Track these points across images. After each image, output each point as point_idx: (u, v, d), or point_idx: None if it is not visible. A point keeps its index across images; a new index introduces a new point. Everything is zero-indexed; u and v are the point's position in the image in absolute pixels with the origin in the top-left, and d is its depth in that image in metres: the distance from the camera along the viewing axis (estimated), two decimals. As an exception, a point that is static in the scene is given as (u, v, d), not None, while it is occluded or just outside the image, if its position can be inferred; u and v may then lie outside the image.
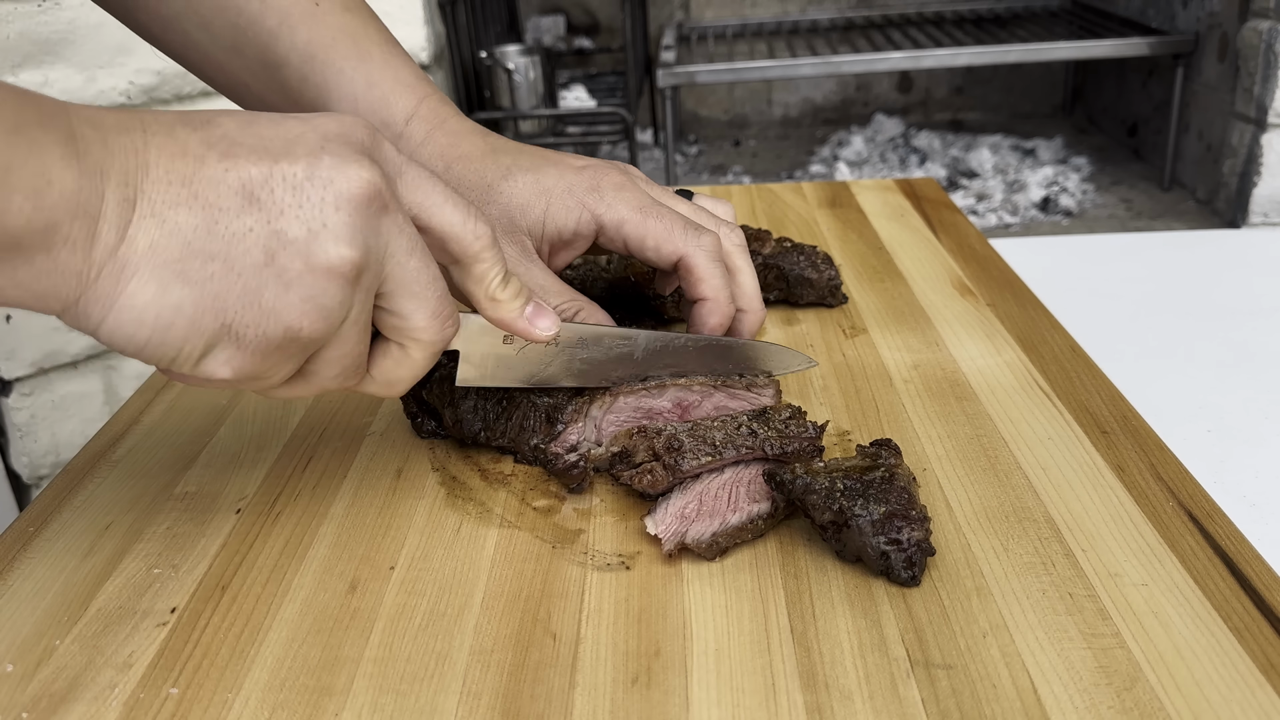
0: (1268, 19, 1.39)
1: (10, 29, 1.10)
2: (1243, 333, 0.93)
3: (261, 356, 0.36)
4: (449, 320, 0.40)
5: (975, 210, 1.73)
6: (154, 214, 0.33)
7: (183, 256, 0.34)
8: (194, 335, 0.35)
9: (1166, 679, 0.35)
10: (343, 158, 0.36)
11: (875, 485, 0.41)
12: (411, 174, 0.40)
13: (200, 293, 0.34)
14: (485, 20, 1.72)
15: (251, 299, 0.35)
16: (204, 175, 0.34)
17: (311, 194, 0.35)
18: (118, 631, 0.40)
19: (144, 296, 0.33)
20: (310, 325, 0.36)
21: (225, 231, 0.34)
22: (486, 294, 0.42)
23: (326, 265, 0.35)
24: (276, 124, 0.37)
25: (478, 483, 0.48)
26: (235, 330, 0.35)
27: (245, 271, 0.34)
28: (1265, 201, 1.43)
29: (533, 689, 0.36)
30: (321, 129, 0.37)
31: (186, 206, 0.34)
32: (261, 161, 0.35)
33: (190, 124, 0.35)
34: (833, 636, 0.38)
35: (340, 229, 0.35)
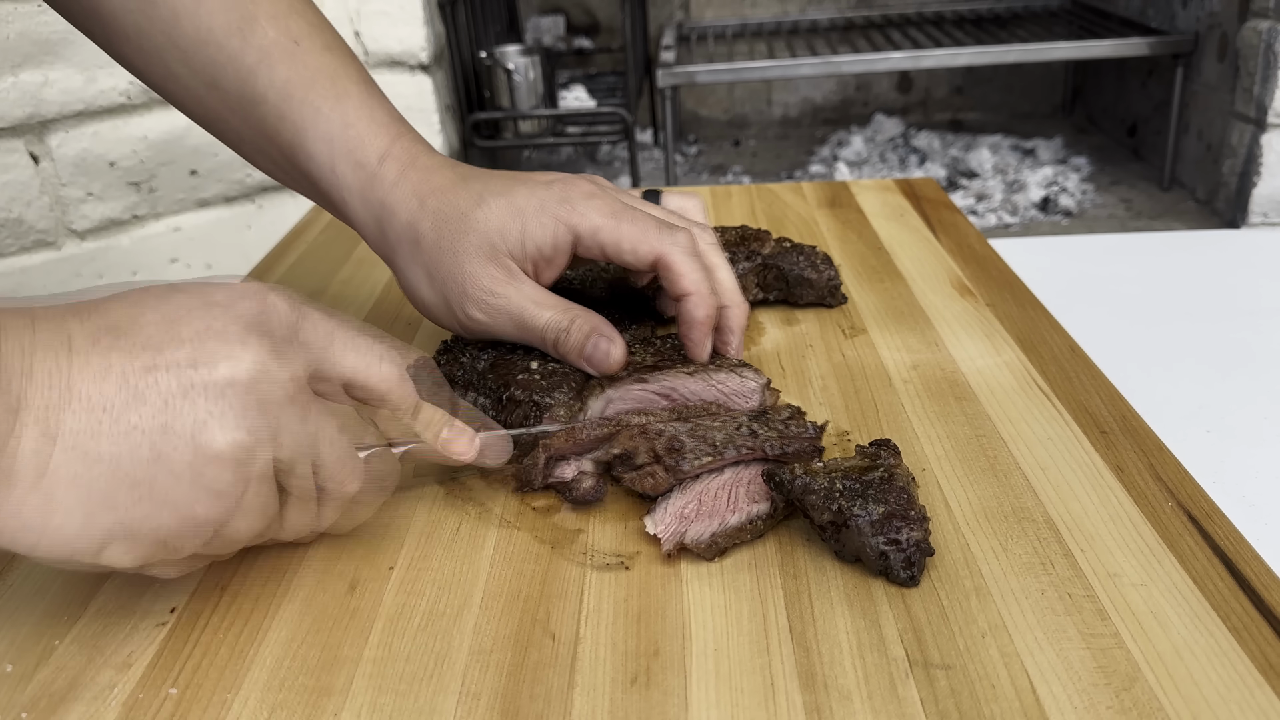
0: (1268, 19, 1.39)
1: (10, 29, 1.10)
2: (1243, 333, 0.93)
3: (161, 544, 0.36)
4: (352, 473, 0.41)
5: (975, 210, 1.73)
6: (37, 421, 0.33)
7: (67, 461, 0.34)
8: (86, 535, 0.35)
9: (1165, 679, 0.35)
10: (229, 342, 0.36)
11: (874, 485, 0.41)
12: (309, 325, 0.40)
13: (88, 494, 0.34)
14: (485, 20, 1.72)
15: (142, 493, 0.35)
16: (88, 377, 0.34)
17: (195, 380, 0.35)
18: (117, 631, 0.40)
19: (31, 505, 0.33)
20: (204, 510, 0.36)
21: (112, 431, 0.34)
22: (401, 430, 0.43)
23: (216, 454, 0.35)
24: (166, 303, 0.37)
25: (477, 483, 0.48)
26: (128, 525, 0.35)
27: (134, 472, 0.34)
28: (1265, 201, 1.43)
29: (532, 689, 0.36)
30: (210, 309, 0.37)
31: (70, 410, 0.34)
32: (146, 355, 0.35)
33: (80, 315, 0.36)
34: (832, 636, 0.38)
35: (226, 416, 0.35)
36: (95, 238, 1.23)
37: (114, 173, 1.22)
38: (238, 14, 0.51)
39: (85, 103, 1.17)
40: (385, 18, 1.40)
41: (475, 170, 0.53)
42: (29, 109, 1.13)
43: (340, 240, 0.81)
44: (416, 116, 1.47)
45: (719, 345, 0.53)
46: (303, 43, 0.52)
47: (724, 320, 0.53)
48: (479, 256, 0.50)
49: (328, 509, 0.41)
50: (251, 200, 1.36)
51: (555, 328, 0.50)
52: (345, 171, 0.52)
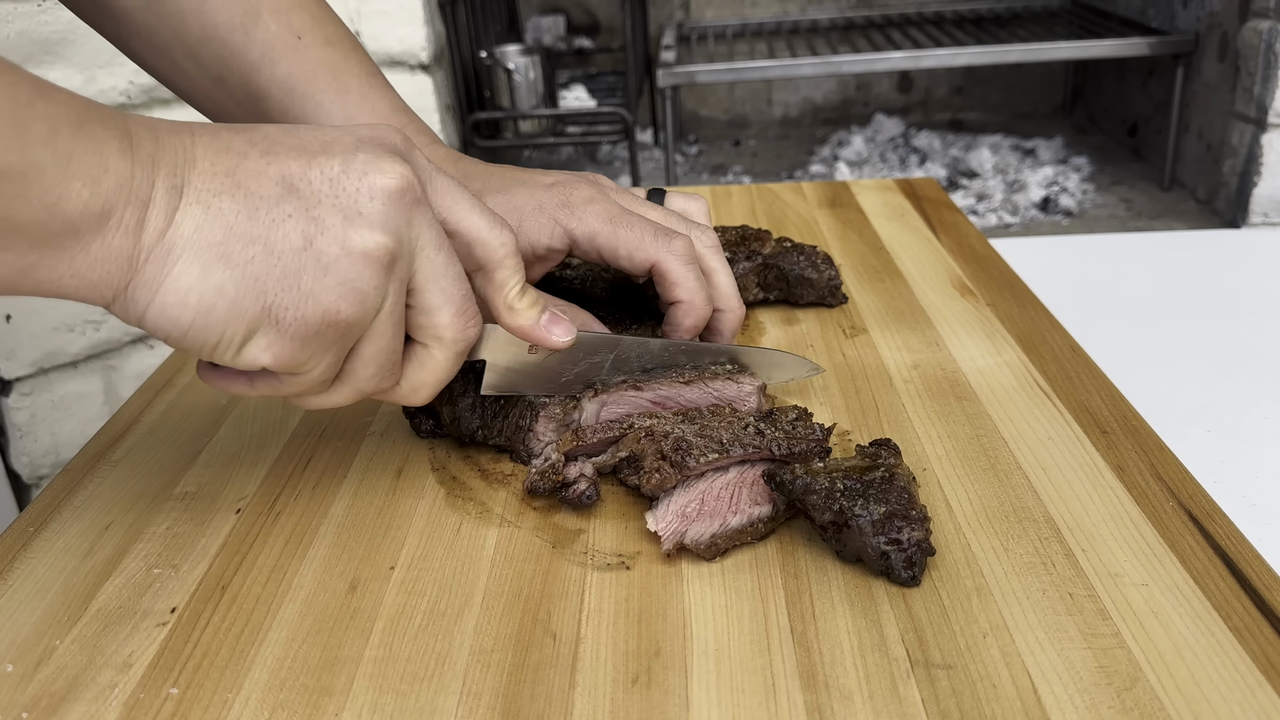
0: (1268, 19, 1.39)
1: (10, 29, 1.10)
2: (1243, 333, 0.93)
3: (301, 342, 0.37)
4: (472, 320, 0.42)
5: (975, 210, 1.73)
6: (199, 201, 0.35)
7: (225, 240, 0.35)
8: (235, 318, 0.36)
9: (1166, 679, 0.35)
10: (376, 155, 0.38)
11: (875, 485, 0.41)
12: (441, 181, 0.41)
13: (241, 275, 0.35)
14: (485, 20, 1.72)
15: (290, 281, 0.36)
16: (246, 168, 0.36)
17: (347, 185, 0.37)
18: (118, 631, 0.40)
19: (188, 279, 0.35)
20: (347, 309, 0.37)
21: (266, 217, 0.36)
22: (505, 302, 0.43)
23: (362, 250, 0.37)
24: (316, 130, 0.39)
25: (478, 482, 0.48)
26: (275, 313, 0.36)
27: (284, 255, 0.36)
28: (1265, 201, 1.43)
29: (533, 689, 0.36)
30: (357, 133, 0.39)
31: (229, 195, 0.36)
32: (300, 157, 0.37)
33: (235, 129, 0.38)
34: (833, 636, 0.38)
35: (375, 217, 0.37)
36: (95, 238, 1.23)
37: (114, 173, 1.22)
38: (241, 10, 0.52)
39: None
40: (385, 17, 1.40)
41: (478, 166, 0.53)
42: (29, 109, 1.13)
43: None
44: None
45: None
46: (305, 37, 0.53)
47: (718, 323, 0.54)
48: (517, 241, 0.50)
49: (447, 356, 0.42)
50: (252, 200, 1.36)
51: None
52: None
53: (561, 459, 0.46)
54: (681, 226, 0.53)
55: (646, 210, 0.53)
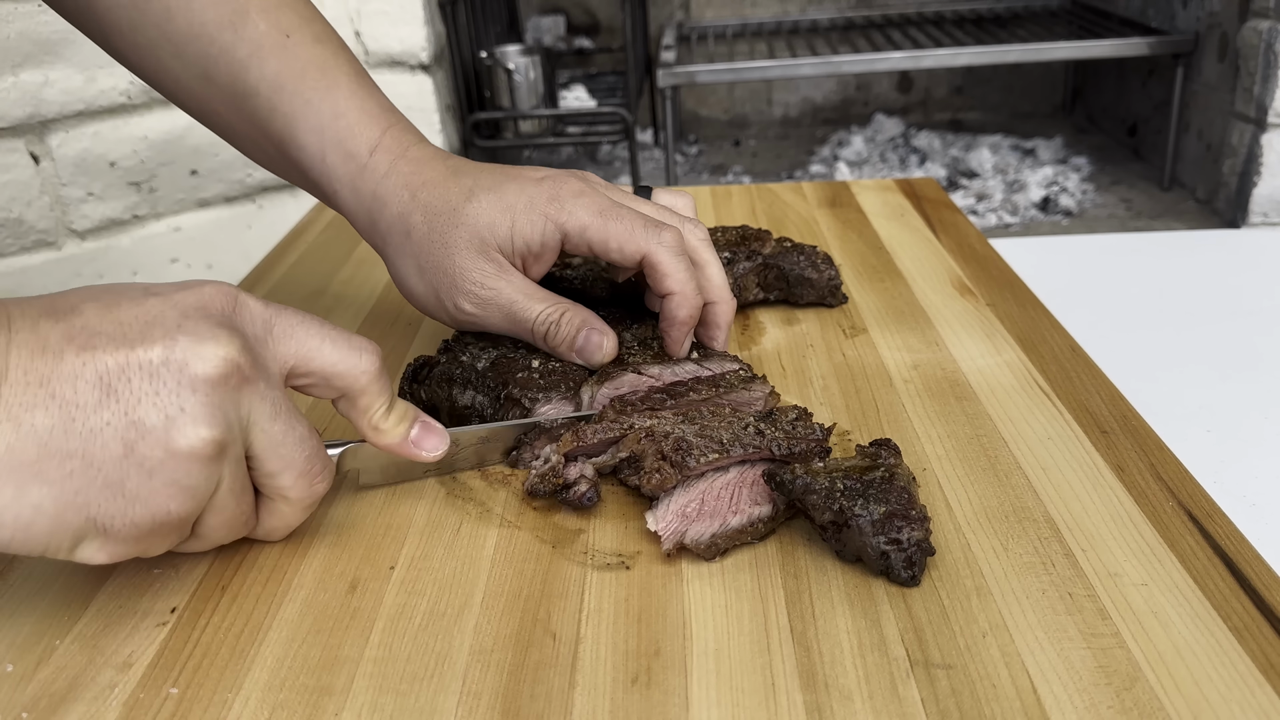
0: (1268, 19, 1.39)
1: (10, 29, 1.10)
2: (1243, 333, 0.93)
3: (135, 541, 0.37)
4: (319, 476, 0.41)
5: (975, 210, 1.73)
6: (10, 418, 0.34)
7: (39, 458, 0.34)
8: (58, 531, 0.35)
9: (1166, 679, 0.35)
10: (198, 336, 0.37)
11: (875, 485, 0.41)
12: (282, 324, 0.40)
13: (60, 490, 0.34)
14: (485, 20, 1.72)
15: (114, 491, 0.35)
16: (61, 372, 0.35)
17: (167, 379, 0.36)
18: (117, 631, 0.40)
19: (2, 499, 0.34)
20: (177, 506, 0.37)
21: (83, 428, 0.35)
22: (370, 424, 0.43)
23: (188, 449, 0.36)
24: (137, 304, 0.37)
25: (478, 482, 0.48)
26: (101, 522, 0.36)
27: (105, 465, 0.35)
28: (1265, 201, 1.43)
29: (532, 689, 0.36)
30: (181, 305, 0.37)
31: (43, 408, 0.34)
32: (119, 349, 0.35)
33: (55, 314, 0.36)
34: (832, 636, 0.38)
35: (198, 411, 0.36)
36: (95, 238, 1.23)
37: (114, 173, 1.22)
38: (229, 8, 0.52)
39: (85, 103, 1.17)
40: (385, 17, 1.40)
41: (466, 163, 0.53)
42: (29, 109, 1.13)
43: (340, 240, 0.81)
44: (417, 116, 1.47)
45: (704, 339, 0.54)
46: (293, 35, 0.53)
47: (711, 316, 0.54)
48: (469, 250, 0.50)
49: (299, 508, 0.42)
50: (252, 200, 1.36)
51: (546, 320, 0.50)
52: (336, 162, 0.52)
53: (562, 460, 0.46)
54: (671, 220, 0.53)
55: (636, 204, 0.53)
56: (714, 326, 0.54)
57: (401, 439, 0.44)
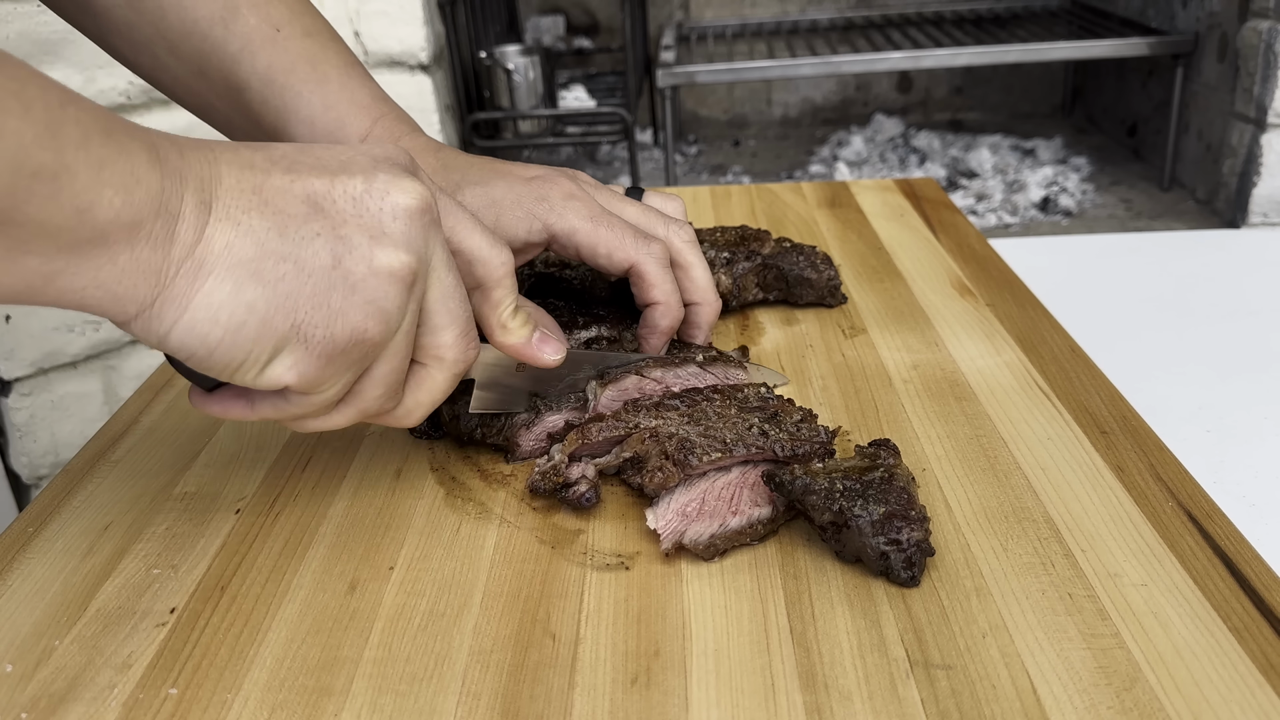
0: (1268, 19, 1.39)
1: (10, 29, 1.10)
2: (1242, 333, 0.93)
3: (326, 361, 0.37)
4: (473, 341, 0.42)
5: (975, 210, 1.73)
6: (228, 217, 0.35)
7: (257, 257, 0.35)
8: (265, 335, 0.36)
9: (1166, 679, 0.35)
10: (395, 174, 0.39)
11: (874, 486, 0.41)
12: (444, 200, 0.42)
13: (273, 292, 0.35)
14: (485, 20, 1.72)
15: (321, 300, 0.36)
16: (271, 185, 0.36)
17: (370, 204, 0.37)
18: (117, 632, 0.40)
19: (219, 295, 0.35)
20: (374, 327, 0.38)
21: (295, 235, 0.36)
22: (499, 320, 0.44)
23: (389, 269, 0.37)
24: (331, 149, 0.39)
25: (477, 483, 0.48)
26: (304, 331, 0.36)
27: (315, 273, 0.36)
28: (1265, 201, 1.43)
29: (532, 689, 0.36)
30: (371, 153, 0.40)
31: (258, 212, 0.36)
32: (322, 176, 0.37)
33: (253, 146, 0.38)
34: (832, 637, 0.38)
35: (398, 236, 0.38)
36: (95, 238, 1.23)
37: (114, 173, 1.22)
38: (221, 4, 0.53)
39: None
40: (385, 18, 1.40)
41: (458, 157, 0.54)
42: (29, 109, 1.13)
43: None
44: (416, 116, 1.47)
45: (685, 337, 0.56)
46: (284, 29, 0.54)
47: (693, 316, 0.55)
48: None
49: (449, 373, 0.42)
50: (251, 200, 1.36)
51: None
52: None
53: (565, 459, 0.46)
54: (660, 223, 0.54)
55: (625, 207, 0.54)
56: (695, 326, 0.55)
57: (525, 340, 0.45)
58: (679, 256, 0.54)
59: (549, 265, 0.63)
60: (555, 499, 0.46)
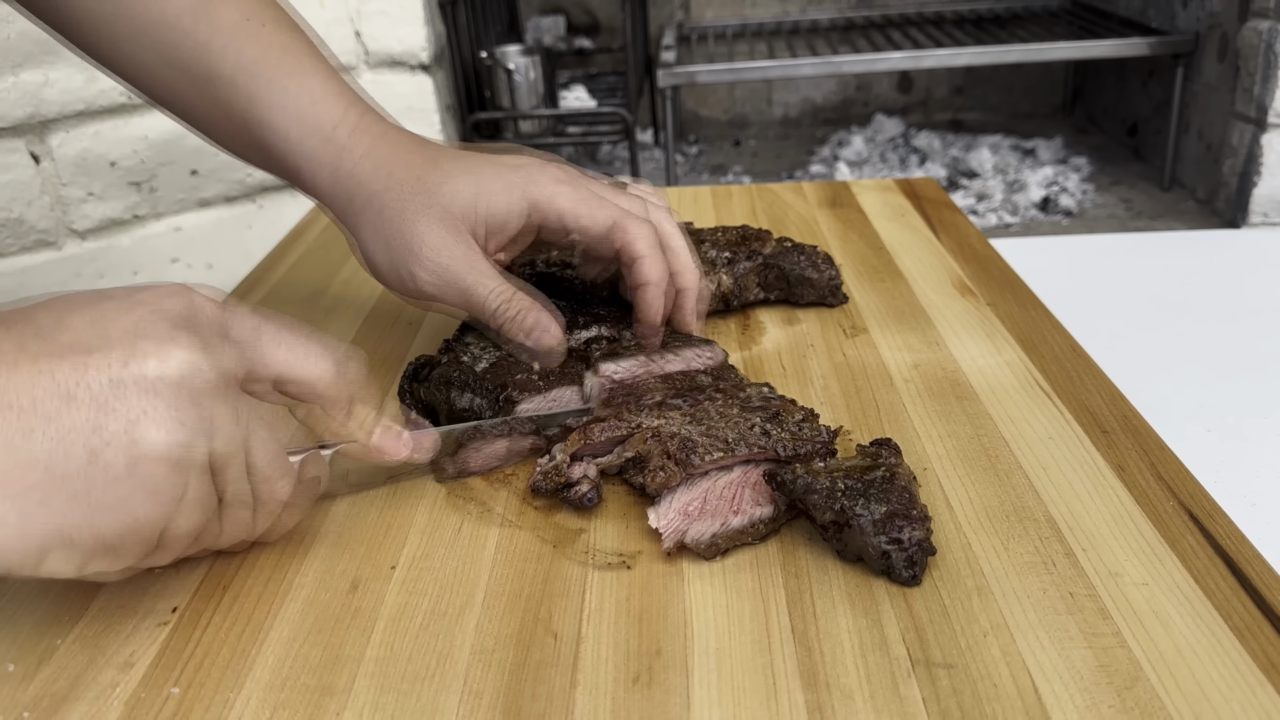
0: (1268, 19, 1.39)
1: (10, 29, 1.10)
2: (1243, 333, 0.93)
3: (103, 551, 0.36)
4: (280, 481, 0.40)
5: (975, 210, 1.73)
6: None
7: (0, 471, 0.33)
8: (23, 546, 0.34)
9: (1167, 678, 0.35)
10: (158, 340, 0.36)
11: (876, 485, 0.41)
12: (238, 327, 0.39)
13: (23, 504, 0.33)
14: (485, 20, 1.72)
15: (79, 501, 0.34)
16: (17, 383, 0.33)
17: (129, 384, 0.35)
18: (119, 631, 0.40)
19: None
20: (145, 513, 0.35)
21: (42, 438, 0.33)
22: (331, 430, 0.43)
23: (153, 455, 0.35)
24: (92, 308, 0.36)
25: (478, 482, 0.48)
26: (66, 533, 0.34)
27: (68, 475, 0.34)
28: (1265, 201, 1.43)
29: (534, 688, 0.36)
30: (137, 310, 0.36)
31: (1, 417, 0.33)
32: (76, 356, 0.34)
33: (4, 324, 0.35)
34: (833, 636, 0.38)
35: (161, 415, 0.35)
36: (96, 238, 1.23)
37: (115, 173, 1.22)
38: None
39: (86, 102, 1.17)
40: (385, 18, 1.40)
41: (445, 149, 0.54)
42: (29, 109, 1.13)
43: (340, 240, 0.81)
44: (417, 116, 1.47)
45: (678, 324, 0.55)
46: (254, 19, 0.53)
47: (681, 300, 0.55)
48: (432, 221, 0.51)
49: (261, 514, 0.41)
50: (252, 200, 1.36)
51: (498, 297, 0.51)
52: (314, 146, 0.53)
53: (567, 459, 0.46)
54: (642, 206, 0.54)
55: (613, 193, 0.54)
56: (684, 310, 0.55)
57: (364, 441, 0.44)
58: (665, 239, 0.54)
59: (550, 265, 0.63)
60: (557, 499, 0.46)
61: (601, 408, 0.49)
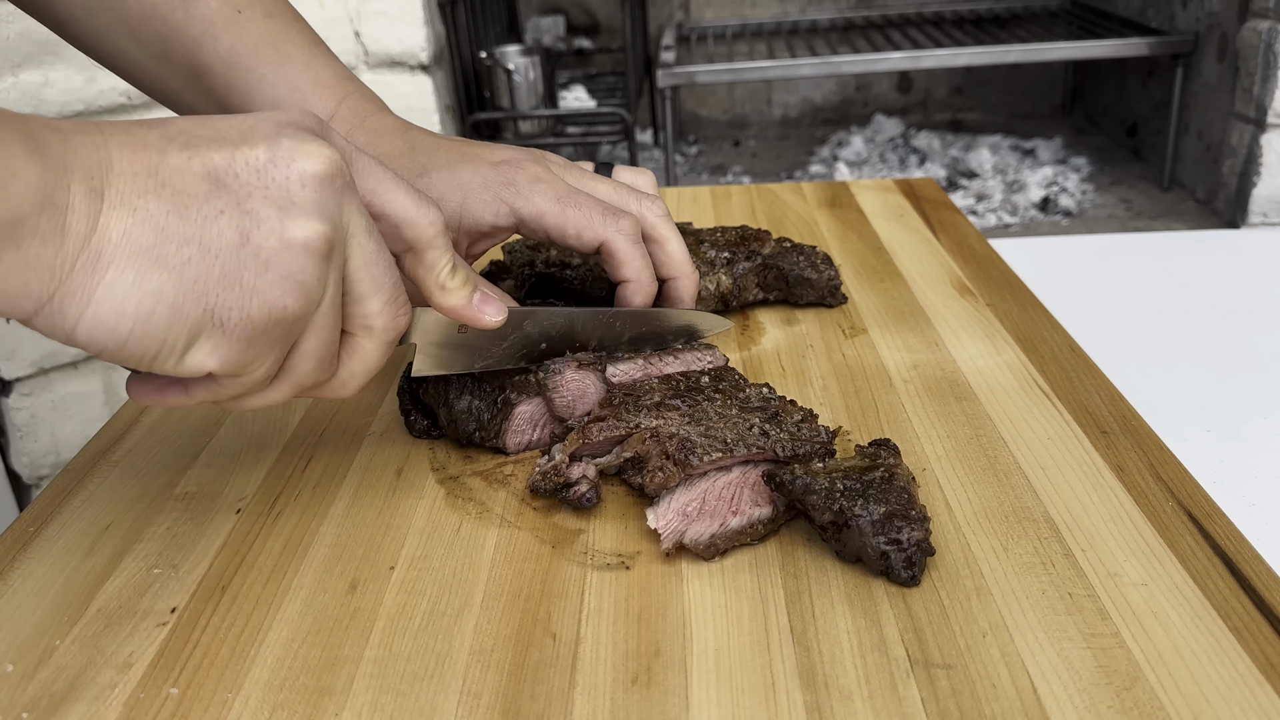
0: (1267, 19, 1.39)
1: (10, 29, 1.10)
2: (1243, 333, 0.93)
3: (247, 343, 0.36)
4: (402, 308, 0.41)
5: (975, 210, 1.73)
6: (124, 203, 0.33)
7: (158, 242, 0.33)
8: (177, 323, 0.34)
9: (1166, 679, 0.35)
10: (299, 139, 0.37)
11: (875, 485, 0.41)
12: (362, 162, 0.40)
13: (180, 277, 0.34)
14: (485, 20, 1.72)
15: (232, 280, 0.35)
16: (168, 165, 0.34)
17: (275, 174, 0.36)
18: (118, 631, 0.40)
19: (123, 285, 0.33)
20: (293, 303, 0.36)
21: (197, 215, 0.34)
22: (437, 282, 0.42)
23: (302, 241, 0.36)
24: (231, 119, 0.37)
25: (477, 483, 0.48)
26: (219, 314, 0.35)
27: (222, 253, 0.34)
28: (1265, 201, 1.43)
29: (533, 689, 0.36)
30: (274, 118, 0.37)
31: (155, 195, 0.34)
32: (222, 149, 0.35)
33: (146, 124, 0.36)
34: (832, 636, 0.38)
35: (308, 205, 0.36)
36: (95, 238, 1.23)
37: (114, 173, 1.22)
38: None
39: (85, 103, 1.17)
40: (385, 18, 1.40)
41: (425, 138, 0.54)
42: (29, 109, 1.13)
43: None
44: (417, 116, 1.47)
45: None
46: (244, 10, 0.53)
47: (673, 290, 0.55)
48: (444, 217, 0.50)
49: (377, 347, 0.41)
50: (251, 200, 1.36)
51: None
52: None
53: (566, 459, 0.46)
54: (632, 198, 0.54)
55: (595, 185, 0.54)
56: (676, 301, 0.55)
57: (466, 301, 0.43)
58: (653, 231, 0.53)
59: (549, 265, 0.63)
60: (556, 499, 0.46)
61: (600, 408, 0.49)
